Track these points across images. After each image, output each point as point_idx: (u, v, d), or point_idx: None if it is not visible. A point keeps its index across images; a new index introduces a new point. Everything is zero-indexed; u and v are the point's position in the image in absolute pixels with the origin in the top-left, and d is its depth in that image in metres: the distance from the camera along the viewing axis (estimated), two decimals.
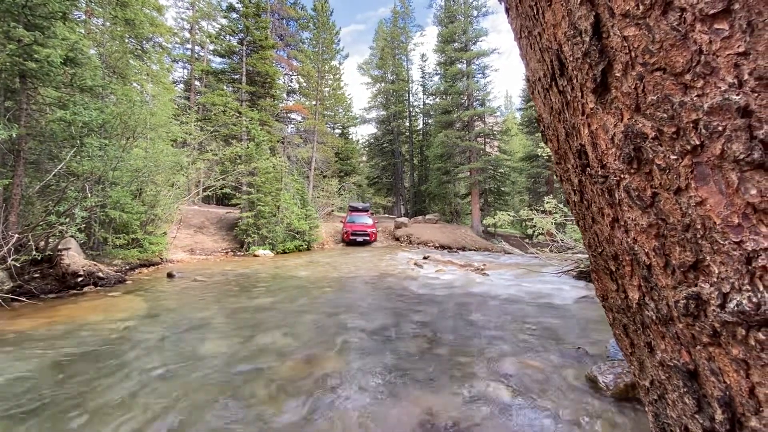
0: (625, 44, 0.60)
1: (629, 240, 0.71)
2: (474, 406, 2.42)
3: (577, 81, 0.72)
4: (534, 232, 10.98)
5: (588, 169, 0.78)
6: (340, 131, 33.29)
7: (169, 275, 7.90)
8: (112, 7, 10.22)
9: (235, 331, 4.05)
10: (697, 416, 0.66)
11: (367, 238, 17.91)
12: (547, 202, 10.40)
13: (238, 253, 13.22)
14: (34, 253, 5.62)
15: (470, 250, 18.84)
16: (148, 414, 2.33)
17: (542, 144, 12.97)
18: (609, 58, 0.63)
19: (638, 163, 0.63)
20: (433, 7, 29.50)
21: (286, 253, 14.03)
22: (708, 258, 0.56)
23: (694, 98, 0.53)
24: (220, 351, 3.44)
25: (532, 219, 10.56)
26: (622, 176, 0.67)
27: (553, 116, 0.92)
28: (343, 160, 30.19)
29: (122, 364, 3.15)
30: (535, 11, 0.83)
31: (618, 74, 0.62)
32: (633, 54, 0.59)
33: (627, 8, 0.58)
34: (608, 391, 2.54)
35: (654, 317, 0.71)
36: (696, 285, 0.59)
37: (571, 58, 0.72)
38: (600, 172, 0.73)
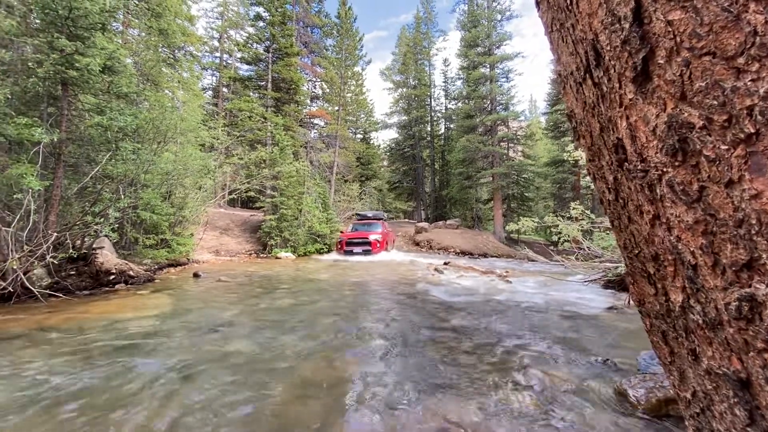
0: (670, 29, 0.57)
1: (672, 238, 0.67)
2: (496, 418, 2.35)
3: (614, 71, 0.69)
4: (559, 239, 10.66)
5: (625, 164, 0.74)
6: (361, 136, 33.64)
7: (195, 275, 8.13)
8: (147, 18, 10.76)
9: (256, 331, 4.11)
10: (749, 429, 0.61)
11: (368, 248, 13.86)
12: (573, 209, 10.11)
13: (261, 255, 13.49)
14: (71, 251, 5.92)
15: (492, 256, 18.51)
16: (170, 410, 2.38)
17: (568, 149, 12.61)
18: (651, 44, 0.60)
19: (683, 155, 0.59)
20: (457, 12, 29.60)
21: (307, 255, 14.20)
22: (764, 256, 0.52)
23: (749, 83, 0.50)
24: (242, 350, 3.50)
25: (558, 225, 10.27)
26: (664, 170, 0.63)
27: (586, 111, 0.88)
28: (365, 164, 30.44)
29: (148, 360, 3.25)
30: (568, 2, 0.81)
31: (661, 61, 0.59)
32: (678, 39, 0.56)
33: None
34: (639, 406, 2.41)
35: (700, 321, 0.67)
36: (750, 286, 0.54)
37: (608, 48, 0.69)
38: (639, 167, 0.70)
